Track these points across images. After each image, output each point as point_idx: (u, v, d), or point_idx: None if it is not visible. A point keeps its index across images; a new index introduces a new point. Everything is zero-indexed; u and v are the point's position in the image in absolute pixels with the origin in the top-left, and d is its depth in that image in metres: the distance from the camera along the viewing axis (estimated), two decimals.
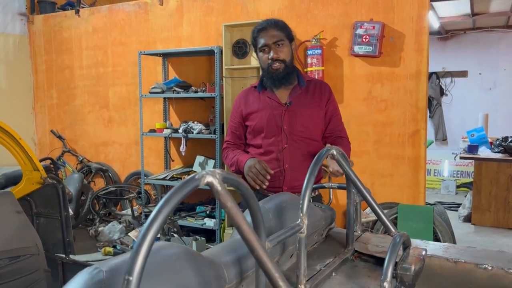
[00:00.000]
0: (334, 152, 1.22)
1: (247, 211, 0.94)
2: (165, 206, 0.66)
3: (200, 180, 0.71)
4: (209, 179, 0.72)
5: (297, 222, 1.07)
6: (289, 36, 2.15)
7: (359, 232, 1.54)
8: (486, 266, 1.22)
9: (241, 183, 0.81)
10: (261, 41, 2.10)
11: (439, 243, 1.48)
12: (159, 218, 0.64)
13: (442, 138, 8.63)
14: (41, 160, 4.75)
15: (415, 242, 1.43)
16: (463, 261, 1.25)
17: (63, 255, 2.37)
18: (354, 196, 1.40)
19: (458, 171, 7.70)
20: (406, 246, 1.22)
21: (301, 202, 1.07)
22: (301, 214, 1.07)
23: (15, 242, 1.86)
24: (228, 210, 0.72)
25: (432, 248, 1.38)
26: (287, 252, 1.24)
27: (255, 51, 2.21)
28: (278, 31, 2.10)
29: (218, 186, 0.72)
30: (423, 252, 1.24)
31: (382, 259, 1.31)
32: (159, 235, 4.26)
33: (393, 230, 1.19)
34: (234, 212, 0.72)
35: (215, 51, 4.33)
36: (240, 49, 4.36)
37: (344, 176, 1.52)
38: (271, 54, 2.08)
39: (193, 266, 0.90)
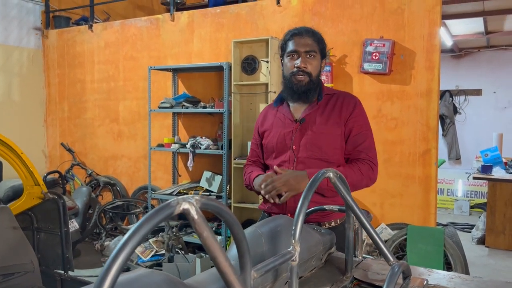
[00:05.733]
0: (331, 175, 1.17)
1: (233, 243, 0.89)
2: (135, 235, 0.62)
3: (175, 208, 0.66)
4: (185, 206, 0.67)
5: (289, 249, 1.01)
6: (323, 51, 1.95)
7: (359, 257, 1.48)
8: None
9: (223, 209, 0.77)
10: (292, 46, 1.89)
11: (443, 272, 1.40)
12: (127, 249, 0.60)
13: (455, 157, 8.48)
14: (49, 173, 4.79)
15: (418, 270, 1.36)
16: None
17: (62, 272, 2.34)
18: (353, 221, 1.34)
19: (472, 191, 7.53)
20: (406, 275, 1.16)
21: (293, 227, 1.02)
22: (293, 240, 1.02)
23: (10, 258, 1.83)
24: (204, 240, 0.68)
25: (436, 277, 1.31)
26: (280, 279, 1.18)
27: (281, 56, 1.98)
28: (314, 42, 1.90)
29: (194, 214, 0.67)
30: (424, 282, 1.18)
31: None
32: (163, 251, 4.22)
33: (391, 259, 1.13)
34: (210, 242, 0.67)
35: (224, 67, 4.32)
36: (249, 65, 4.35)
37: None
38: (299, 62, 1.88)
39: None
